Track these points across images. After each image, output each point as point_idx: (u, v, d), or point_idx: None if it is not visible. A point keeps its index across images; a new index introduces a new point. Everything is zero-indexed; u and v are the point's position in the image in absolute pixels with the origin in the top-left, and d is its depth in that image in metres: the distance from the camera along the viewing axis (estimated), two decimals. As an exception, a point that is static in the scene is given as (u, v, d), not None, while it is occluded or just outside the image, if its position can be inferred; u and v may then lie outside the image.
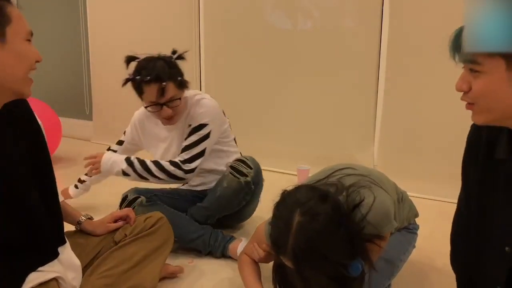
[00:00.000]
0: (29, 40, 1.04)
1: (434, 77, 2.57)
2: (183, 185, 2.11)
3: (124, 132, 2.09)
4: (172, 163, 1.78)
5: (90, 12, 3.69)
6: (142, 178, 1.79)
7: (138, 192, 1.89)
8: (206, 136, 1.82)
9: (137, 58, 1.81)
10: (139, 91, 1.78)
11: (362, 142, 2.90)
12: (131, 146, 2.08)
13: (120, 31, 3.57)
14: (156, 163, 1.79)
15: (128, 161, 1.80)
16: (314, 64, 2.95)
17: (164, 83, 1.72)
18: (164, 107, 1.77)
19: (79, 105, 3.97)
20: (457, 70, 0.99)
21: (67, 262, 1.22)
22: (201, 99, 1.87)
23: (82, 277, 1.30)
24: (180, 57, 1.84)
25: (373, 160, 2.86)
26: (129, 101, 3.82)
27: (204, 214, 1.93)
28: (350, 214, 1.15)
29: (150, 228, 1.49)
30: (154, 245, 1.46)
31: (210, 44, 3.28)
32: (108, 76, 3.72)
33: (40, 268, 1.14)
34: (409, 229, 1.60)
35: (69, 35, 3.88)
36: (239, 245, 1.80)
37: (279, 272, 1.30)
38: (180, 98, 1.80)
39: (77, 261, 1.28)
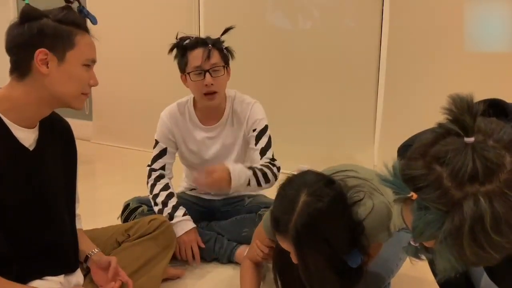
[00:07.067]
0: (88, 66, 1.15)
1: (434, 77, 2.56)
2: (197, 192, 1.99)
3: (156, 143, 1.88)
4: (270, 164, 1.77)
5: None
6: (260, 185, 1.73)
7: (140, 201, 1.84)
8: (270, 135, 1.86)
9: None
10: (184, 59, 1.79)
11: (362, 142, 2.90)
12: (173, 150, 1.90)
13: (120, 31, 3.57)
14: (265, 167, 1.74)
15: (250, 169, 1.72)
16: (314, 64, 2.95)
17: (210, 46, 1.76)
18: (207, 74, 1.75)
19: (79, 105, 3.97)
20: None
21: (75, 280, 1.25)
22: (252, 102, 1.93)
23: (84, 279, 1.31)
24: (226, 31, 1.84)
25: (373, 160, 2.86)
26: (129, 101, 3.83)
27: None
28: (351, 208, 1.17)
29: (153, 231, 1.49)
30: (156, 249, 1.46)
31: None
32: (108, 76, 3.72)
33: (46, 277, 1.16)
34: (408, 230, 1.59)
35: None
36: (246, 250, 1.76)
37: (279, 259, 1.30)
38: (224, 67, 1.81)
39: (81, 281, 1.29)
